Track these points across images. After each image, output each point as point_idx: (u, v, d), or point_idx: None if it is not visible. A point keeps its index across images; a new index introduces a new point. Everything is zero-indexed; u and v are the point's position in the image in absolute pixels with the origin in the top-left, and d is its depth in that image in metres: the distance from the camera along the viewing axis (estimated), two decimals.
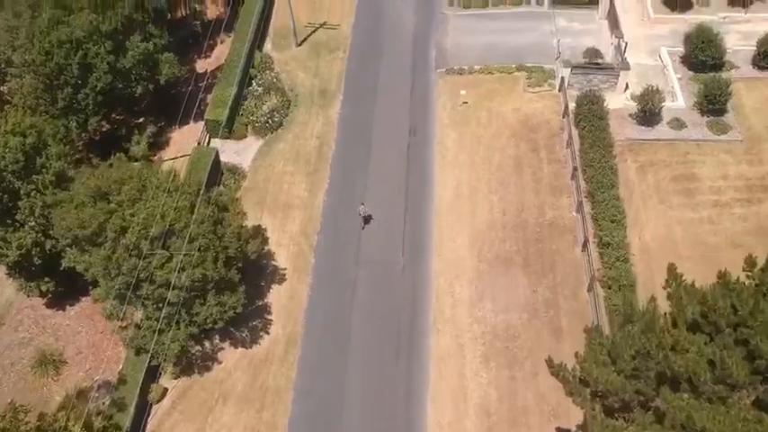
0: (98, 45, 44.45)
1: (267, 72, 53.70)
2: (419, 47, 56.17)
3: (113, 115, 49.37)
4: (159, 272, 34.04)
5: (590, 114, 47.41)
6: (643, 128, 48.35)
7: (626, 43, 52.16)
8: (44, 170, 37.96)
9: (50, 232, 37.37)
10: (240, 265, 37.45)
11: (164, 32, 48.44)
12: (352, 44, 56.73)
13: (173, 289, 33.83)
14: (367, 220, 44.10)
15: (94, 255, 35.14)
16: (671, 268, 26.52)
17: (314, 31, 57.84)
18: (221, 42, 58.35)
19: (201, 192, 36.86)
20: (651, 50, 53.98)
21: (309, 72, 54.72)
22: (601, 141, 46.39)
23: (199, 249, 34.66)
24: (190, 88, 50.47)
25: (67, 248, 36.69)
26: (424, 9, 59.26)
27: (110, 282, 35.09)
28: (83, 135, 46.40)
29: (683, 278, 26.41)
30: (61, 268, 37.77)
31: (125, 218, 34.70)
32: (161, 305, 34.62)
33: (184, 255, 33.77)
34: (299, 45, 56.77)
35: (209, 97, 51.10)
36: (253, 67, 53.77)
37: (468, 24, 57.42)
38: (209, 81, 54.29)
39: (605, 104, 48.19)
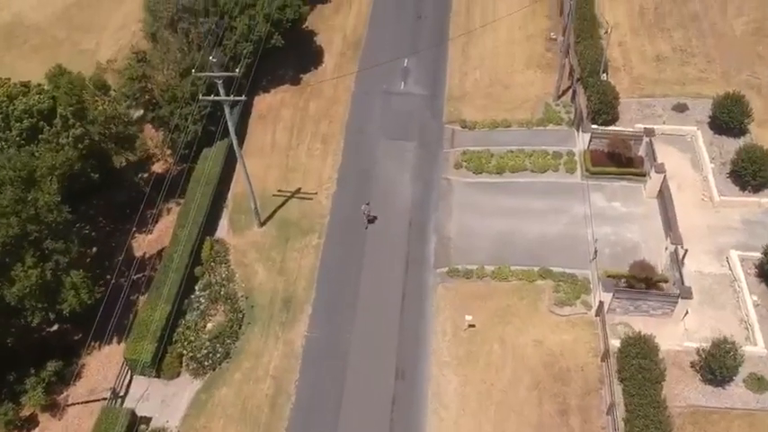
0: None
1: (217, 268, 41.59)
2: (415, 231, 43.95)
3: None
4: None
5: (638, 372, 34.82)
6: (710, 388, 35.71)
7: (685, 251, 39.65)
8: None
9: None
10: None
11: (71, 244, 36.32)
12: (330, 224, 44.59)
13: None
14: None
15: None
16: None
17: (284, 203, 45.81)
18: (168, 212, 46.38)
19: None
20: (716, 250, 41.47)
21: (272, 268, 42.56)
22: (653, 410, 33.77)
23: None
24: (123, 281, 38.77)
25: None
26: (424, 173, 47.14)
27: None
28: None
29: None
30: None
31: None
32: None
33: None
34: (263, 224, 44.63)
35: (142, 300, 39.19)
36: (199, 263, 41.67)
37: (478, 198, 45.15)
38: (147, 273, 42.30)
39: (660, 355, 35.60)
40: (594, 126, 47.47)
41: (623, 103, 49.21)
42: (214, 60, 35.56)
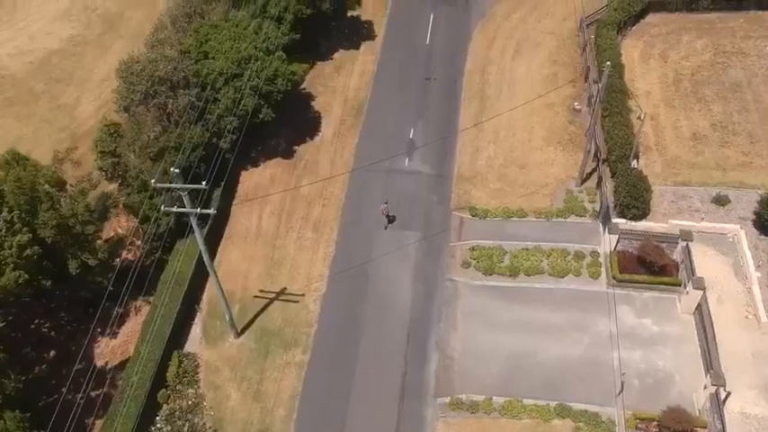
0: None
1: (184, 392, 36.17)
2: (414, 348, 38.38)
3: None
4: None
5: None
6: None
7: (728, 393, 33.73)
8: None
9: None
10: None
11: (6, 381, 30.87)
12: (317, 336, 39.05)
13: None
14: None
15: None
16: None
17: (266, 306, 40.33)
18: (137, 311, 41.05)
19: None
20: (763, 385, 35.51)
21: (248, 391, 37.10)
22: None
23: None
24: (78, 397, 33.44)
25: None
26: (427, 272, 41.50)
27: None
28: None
29: None
30: None
31: None
32: None
33: None
34: (241, 334, 39.13)
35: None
36: (164, 384, 36.25)
37: (487, 307, 39.54)
38: (105, 390, 36.91)
39: None
40: (622, 221, 41.70)
41: (656, 191, 43.38)
42: (177, 171, 30.09)
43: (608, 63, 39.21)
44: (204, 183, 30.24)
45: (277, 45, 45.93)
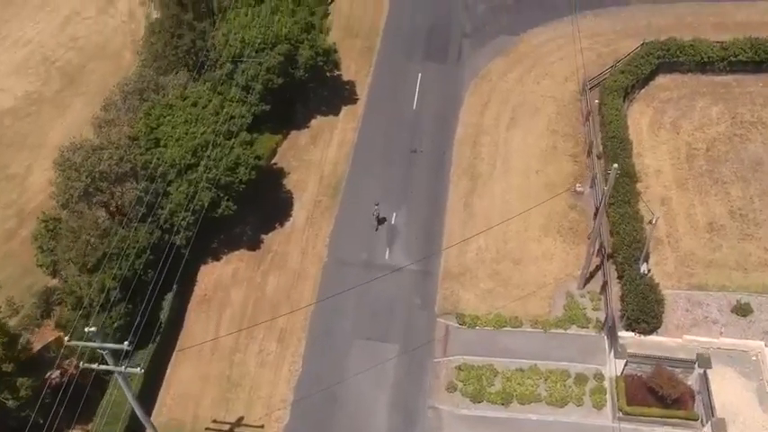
0: None
1: None
2: None
3: None
4: None
5: None
6: None
7: None
8: None
9: None
10: None
11: None
12: None
13: None
14: None
15: None
16: None
17: None
18: None
19: None
20: None
21: None
22: None
23: None
24: None
25: None
26: (406, 396, 36.39)
27: None
28: None
29: None
30: None
31: None
32: None
33: None
34: None
35: None
36: None
37: None
38: None
39: None
40: (630, 334, 36.62)
41: (668, 296, 38.17)
42: (93, 330, 24.82)
43: (615, 166, 33.95)
44: (127, 343, 24.91)
45: (241, 125, 40.65)
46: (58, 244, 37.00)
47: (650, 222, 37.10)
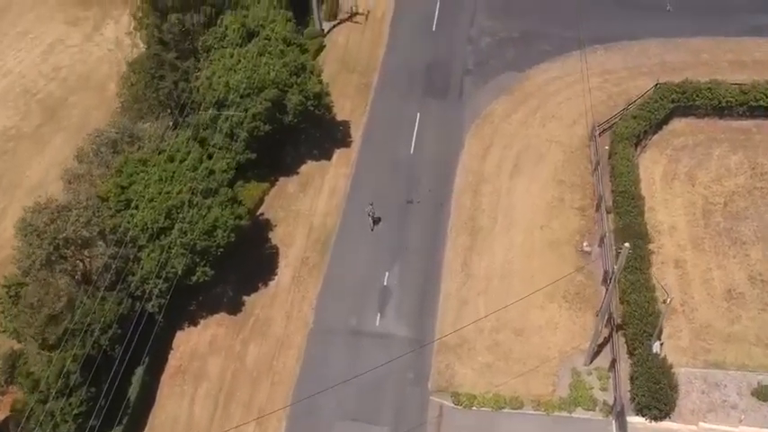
0: None
1: None
2: None
3: None
4: None
5: None
6: None
7: None
8: None
9: None
10: None
11: None
12: None
13: None
14: None
15: None
16: None
17: None
18: None
19: None
20: None
21: None
22: None
23: None
24: None
25: None
26: None
27: None
28: None
29: None
30: None
31: None
32: None
33: None
34: None
35: None
36: None
37: None
38: None
39: None
40: (640, 419, 33.82)
41: (682, 374, 35.02)
42: None
43: (626, 245, 30.68)
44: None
45: (221, 181, 37.61)
46: (20, 311, 34.06)
47: (664, 302, 33.84)
